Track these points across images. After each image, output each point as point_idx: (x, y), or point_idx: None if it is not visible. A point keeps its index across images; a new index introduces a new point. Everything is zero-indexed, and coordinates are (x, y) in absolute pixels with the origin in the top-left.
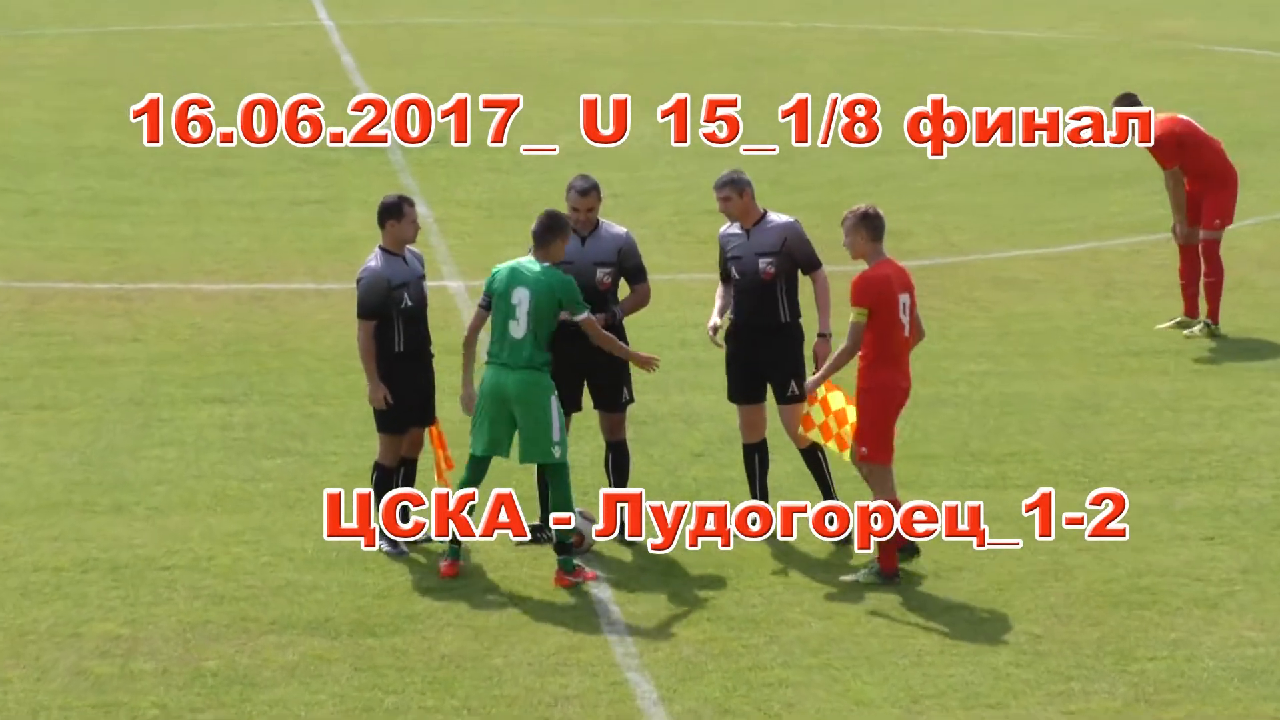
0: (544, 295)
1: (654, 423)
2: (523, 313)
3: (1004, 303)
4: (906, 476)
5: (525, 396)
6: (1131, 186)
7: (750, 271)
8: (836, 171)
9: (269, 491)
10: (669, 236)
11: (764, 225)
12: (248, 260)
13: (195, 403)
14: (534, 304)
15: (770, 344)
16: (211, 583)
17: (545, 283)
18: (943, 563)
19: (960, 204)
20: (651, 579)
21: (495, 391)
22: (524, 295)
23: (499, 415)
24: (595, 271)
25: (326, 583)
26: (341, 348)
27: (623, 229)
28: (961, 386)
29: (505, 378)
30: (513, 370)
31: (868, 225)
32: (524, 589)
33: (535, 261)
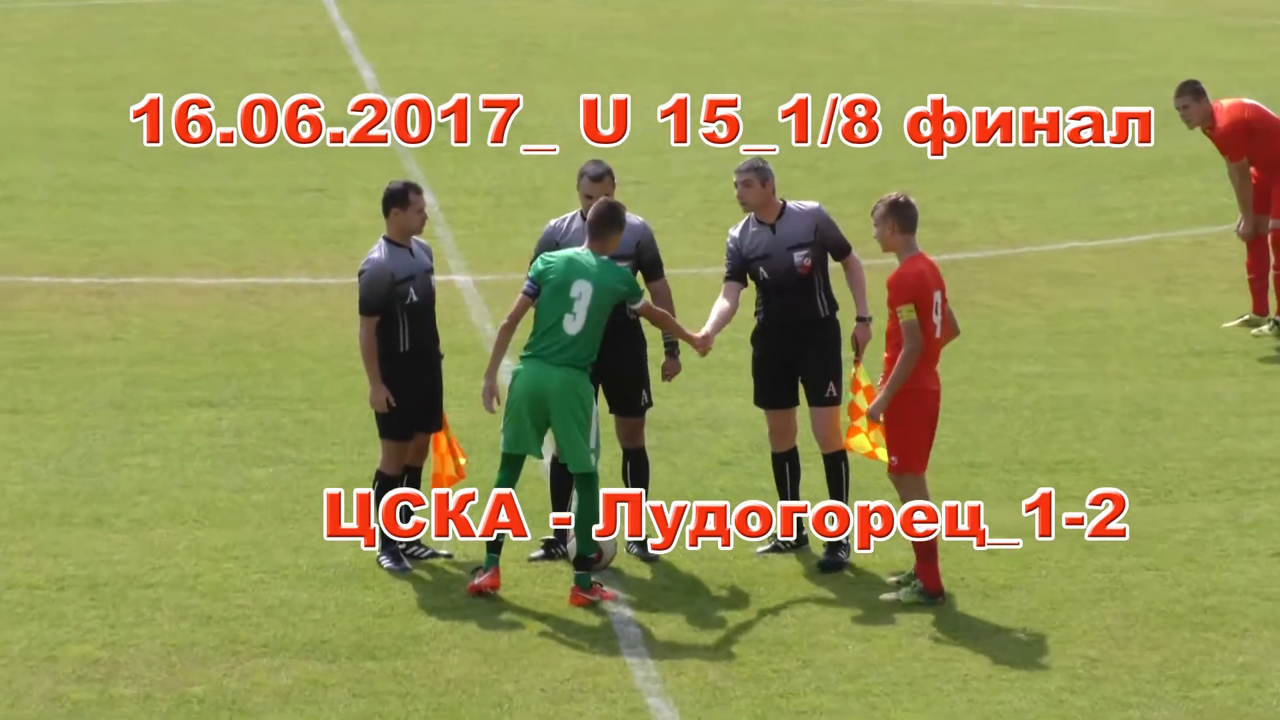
0: (607, 291)
1: (677, 428)
2: (582, 307)
3: (1058, 299)
4: (952, 487)
5: (567, 397)
6: (1195, 173)
7: (783, 268)
8: (879, 156)
9: (261, 503)
10: (695, 227)
11: (789, 216)
12: (238, 252)
13: (181, 406)
14: (596, 300)
15: (809, 341)
16: (198, 602)
17: (609, 277)
18: (990, 581)
19: (1011, 192)
20: (675, 598)
21: (533, 388)
22: (586, 289)
23: (534, 413)
24: None
25: (323, 601)
26: (340, 347)
27: (639, 218)
28: (1011, 390)
29: (547, 374)
30: (556, 367)
31: (898, 215)
32: (537, 608)
33: (592, 253)
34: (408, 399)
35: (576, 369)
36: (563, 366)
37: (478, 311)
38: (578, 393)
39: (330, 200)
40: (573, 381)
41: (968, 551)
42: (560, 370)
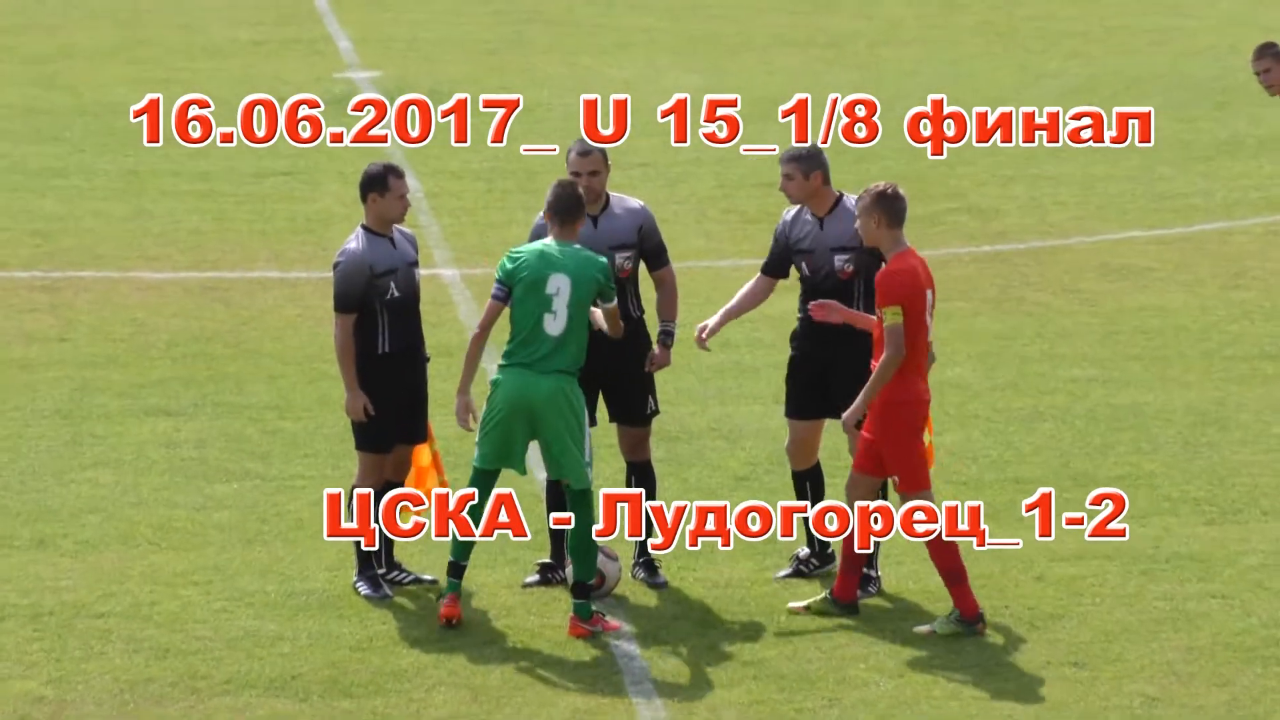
0: (587, 283)
1: (689, 440)
2: (561, 305)
3: (1113, 295)
4: (996, 505)
5: (559, 408)
6: (1269, 154)
7: (823, 268)
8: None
9: (224, 523)
10: (709, 214)
11: (839, 213)
12: (199, 243)
13: (135, 415)
14: (575, 293)
15: (843, 349)
16: (154, 633)
17: (586, 267)
18: (1038, 610)
19: (1060, 175)
20: (685, 627)
21: (517, 400)
22: (563, 284)
23: (517, 429)
24: (614, 258)
25: (293, 633)
26: (312, 349)
27: (638, 202)
28: (1061, 397)
29: (532, 384)
30: (543, 376)
31: (886, 207)
32: (532, 640)
33: (564, 243)
34: (388, 407)
35: (566, 375)
36: (551, 374)
37: (466, 309)
38: (570, 402)
39: (301, 185)
40: (564, 390)
41: (1013, 578)
42: (549, 379)
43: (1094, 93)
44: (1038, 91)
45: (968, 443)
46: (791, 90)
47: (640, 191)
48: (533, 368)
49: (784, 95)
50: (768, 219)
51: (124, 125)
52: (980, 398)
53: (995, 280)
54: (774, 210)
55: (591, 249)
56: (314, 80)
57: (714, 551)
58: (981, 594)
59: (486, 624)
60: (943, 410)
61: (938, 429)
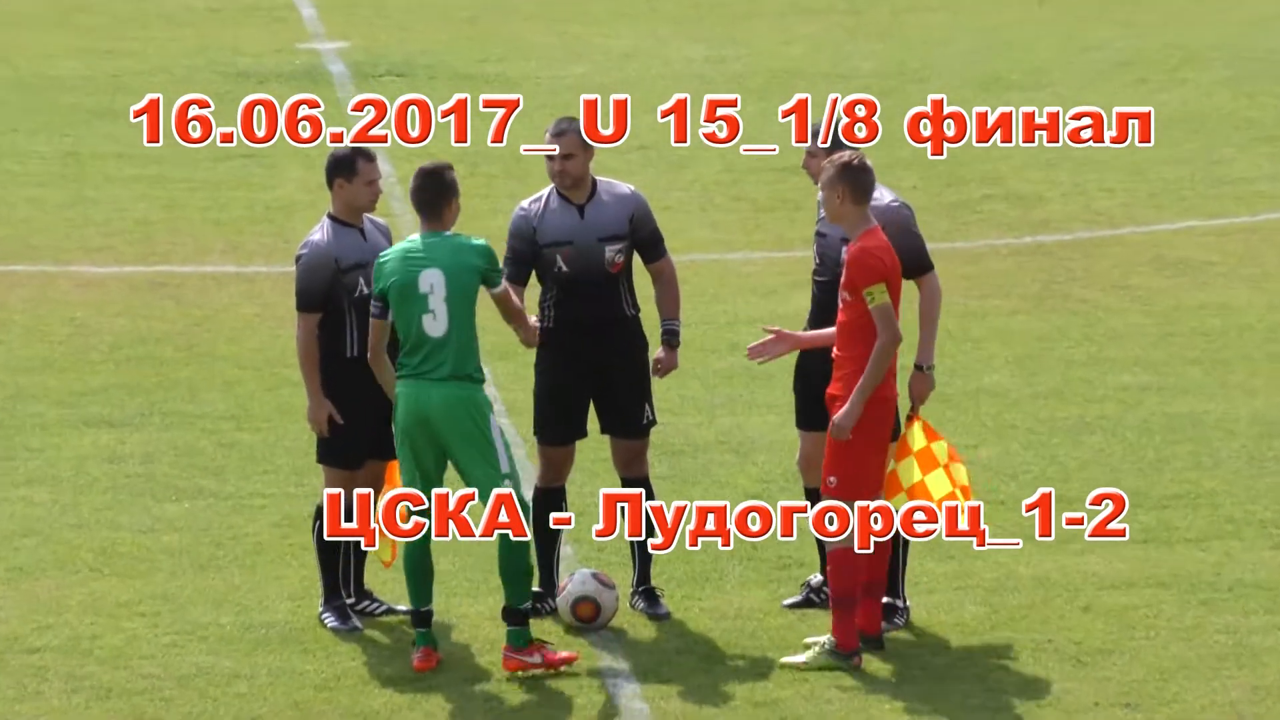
0: (463, 272)
1: (694, 453)
2: (438, 301)
3: (1169, 292)
4: (1033, 527)
5: (453, 418)
6: None
7: (833, 258)
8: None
9: (173, 547)
10: (716, 203)
11: None
12: (146, 234)
13: (74, 426)
14: (452, 287)
15: None
16: (95, 670)
17: (460, 255)
18: (1086, 644)
19: (1109, 158)
20: (690, 663)
21: (414, 414)
22: (435, 278)
23: (424, 445)
24: (603, 251)
25: (251, 669)
26: (273, 351)
27: (628, 187)
28: (1110, 406)
29: (426, 395)
30: (434, 384)
31: (851, 181)
32: (517, 676)
33: (430, 234)
34: (357, 417)
35: (461, 380)
36: (443, 382)
37: None
38: (468, 409)
39: (261, 170)
40: (459, 398)
41: (1057, 608)
42: (440, 387)
43: (1143, 66)
44: (1081, 64)
45: (1006, 457)
46: (808, 63)
47: (640, 177)
48: (423, 377)
49: (800, 69)
50: (781, 207)
51: (65, 101)
52: (1019, 407)
53: (1037, 275)
54: (788, 197)
55: (579, 242)
56: (274, 51)
57: (722, 579)
58: (1022, 625)
59: (468, 660)
60: (978, 421)
61: (972, 440)
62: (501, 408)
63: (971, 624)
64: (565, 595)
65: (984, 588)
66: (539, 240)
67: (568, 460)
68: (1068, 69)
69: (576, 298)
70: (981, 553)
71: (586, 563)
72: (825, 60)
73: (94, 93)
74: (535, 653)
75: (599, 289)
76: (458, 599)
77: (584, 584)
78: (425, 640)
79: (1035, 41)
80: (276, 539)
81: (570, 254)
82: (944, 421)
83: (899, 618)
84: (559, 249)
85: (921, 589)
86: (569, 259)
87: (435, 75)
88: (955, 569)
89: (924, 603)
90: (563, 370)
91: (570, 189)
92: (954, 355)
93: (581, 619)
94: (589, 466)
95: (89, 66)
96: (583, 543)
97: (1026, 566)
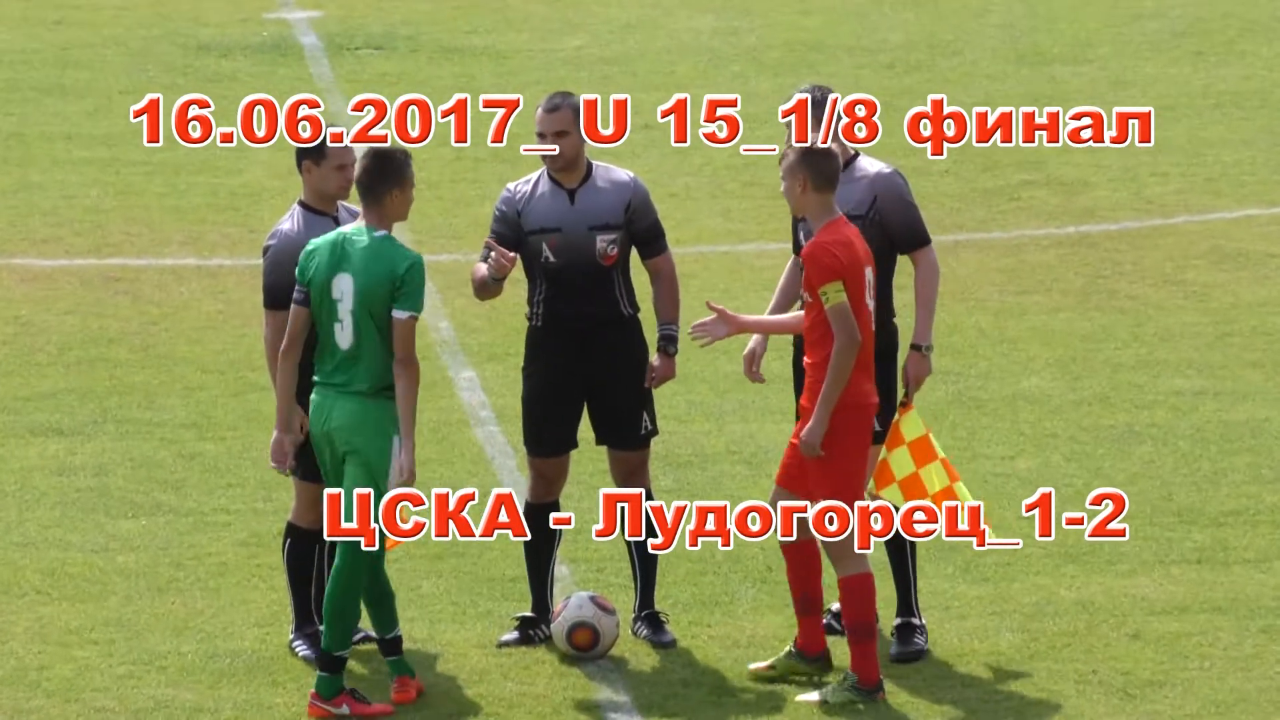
0: (374, 284)
1: (703, 464)
2: (346, 312)
3: (1226, 287)
4: (1079, 548)
5: (352, 434)
6: None
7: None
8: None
9: (129, 567)
10: (728, 189)
11: (851, 174)
12: (99, 223)
13: (19, 435)
14: (360, 299)
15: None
16: (43, 704)
17: (374, 262)
18: (1135, 675)
19: (1161, 140)
20: (698, 696)
21: (317, 422)
22: (346, 286)
23: (329, 459)
24: (594, 241)
25: (215, 703)
26: (238, 353)
27: (627, 173)
28: (1162, 412)
29: (329, 405)
30: (340, 396)
31: (811, 167)
32: (509, 712)
33: (366, 229)
34: None
35: (365, 397)
36: (349, 395)
37: (428, 303)
38: (367, 430)
39: (225, 153)
40: (361, 415)
41: (1103, 635)
42: (346, 400)
43: (1199, 37)
44: (1131, 35)
45: (1046, 468)
46: (828, 35)
47: (644, 161)
48: (331, 388)
49: (819, 41)
50: None
51: (6, 76)
52: (1062, 413)
53: (1081, 269)
54: None
55: (568, 231)
56: (239, 21)
57: (733, 603)
58: (1063, 655)
59: (455, 692)
60: (1016, 429)
61: (1009, 450)
62: (490, 414)
63: (1008, 653)
64: (561, 621)
65: (1022, 613)
66: (524, 225)
67: (561, 473)
68: (1116, 40)
69: (566, 293)
70: (1020, 574)
71: (584, 584)
72: (848, 32)
73: (40, 67)
74: (343, 702)
75: (590, 283)
76: (442, 625)
77: (581, 608)
78: (400, 669)
79: (1080, 9)
80: (242, 559)
81: (558, 242)
82: (979, 429)
83: (919, 636)
84: (545, 236)
85: (954, 614)
86: (556, 248)
87: (418, 48)
88: (991, 592)
89: (956, 629)
90: (553, 375)
91: (562, 171)
92: (990, 357)
93: (578, 647)
94: (586, 480)
95: (34, 38)
96: (580, 562)
97: (1069, 589)
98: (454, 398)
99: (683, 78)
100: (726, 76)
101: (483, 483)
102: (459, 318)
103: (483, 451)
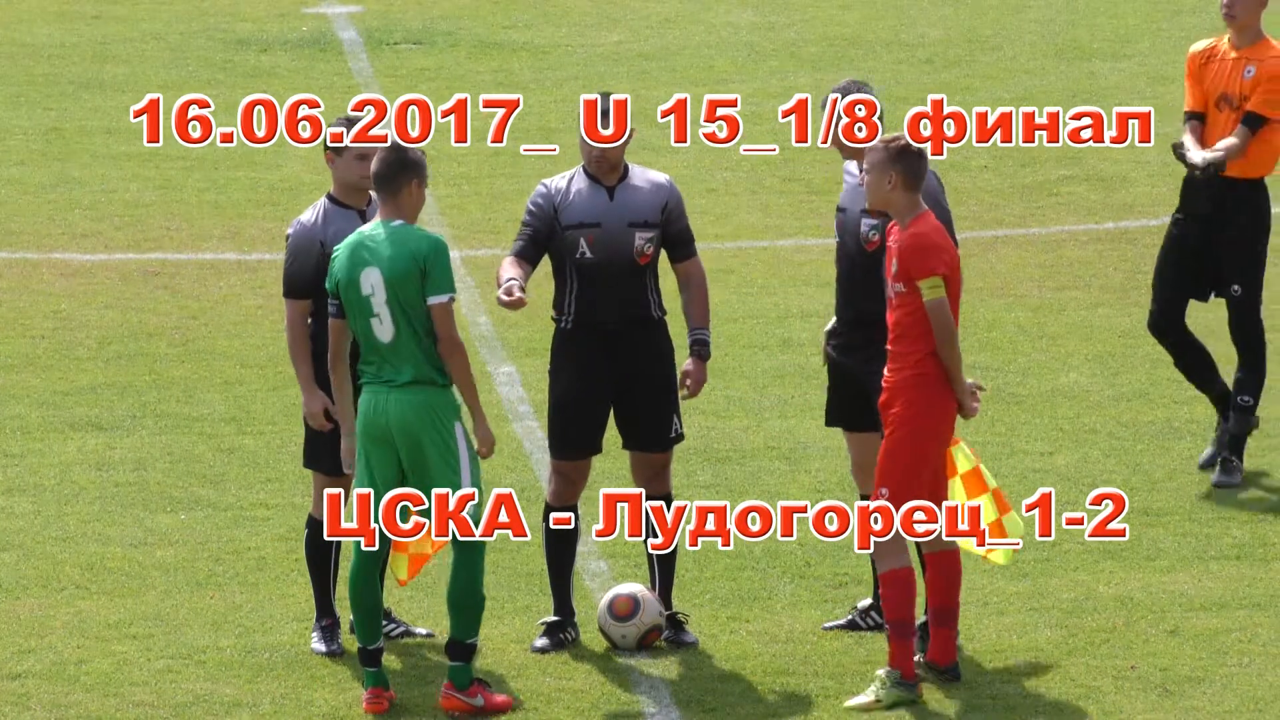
0: (401, 271)
1: (741, 460)
2: (380, 304)
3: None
4: (1116, 546)
5: (413, 426)
6: None
7: (851, 233)
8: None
9: (168, 562)
10: (767, 184)
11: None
12: (138, 218)
13: (59, 430)
14: (392, 290)
15: (871, 345)
16: (82, 698)
17: (399, 247)
18: (1172, 671)
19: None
20: (736, 691)
21: (371, 423)
22: (375, 279)
23: (380, 457)
24: (632, 238)
25: (254, 698)
26: (277, 348)
27: (664, 176)
28: (1201, 409)
29: (382, 404)
30: (392, 391)
31: (905, 166)
32: (548, 707)
33: (382, 223)
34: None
35: (423, 386)
36: (401, 389)
37: (467, 298)
38: (429, 418)
39: (263, 147)
40: (419, 404)
41: (1141, 631)
42: (399, 394)
43: None
44: (1172, 30)
45: (1085, 465)
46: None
47: (682, 157)
48: (382, 385)
49: (859, 36)
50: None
51: (45, 71)
52: (1101, 409)
53: (1121, 264)
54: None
55: (607, 226)
56: (278, 16)
57: (771, 598)
58: (1102, 651)
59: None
60: (1055, 425)
61: (1047, 446)
62: (529, 409)
63: (1047, 649)
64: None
65: (1061, 609)
66: (562, 221)
67: (582, 476)
68: (1157, 35)
69: (600, 291)
70: (1058, 571)
71: (622, 578)
72: (886, 27)
73: (79, 61)
74: (477, 693)
75: (623, 282)
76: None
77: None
78: (375, 680)
79: (1120, 4)
80: (281, 554)
81: (596, 238)
82: (1017, 425)
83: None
84: (584, 231)
85: (992, 610)
86: (594, 244)
87: (457, 43)
88: (1029, 588)
89: (995, 625)
90: (582, 377)
91: (605, 172)
92: (1028, 353)
93: (618, 615)
94: (598, 481)
95: (72, 33)
96: (618, 558)
97: (1108, 586)
98: (493, 392)
99: (721, 72)
100: (764, 72)
101: (520, 479)
102: (498, 313)
103: (521, 447)
